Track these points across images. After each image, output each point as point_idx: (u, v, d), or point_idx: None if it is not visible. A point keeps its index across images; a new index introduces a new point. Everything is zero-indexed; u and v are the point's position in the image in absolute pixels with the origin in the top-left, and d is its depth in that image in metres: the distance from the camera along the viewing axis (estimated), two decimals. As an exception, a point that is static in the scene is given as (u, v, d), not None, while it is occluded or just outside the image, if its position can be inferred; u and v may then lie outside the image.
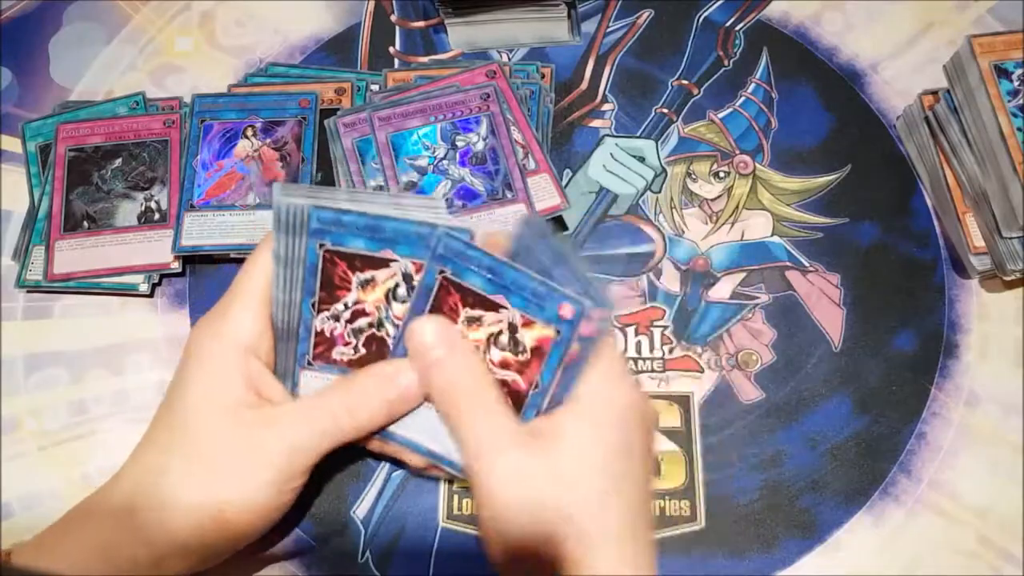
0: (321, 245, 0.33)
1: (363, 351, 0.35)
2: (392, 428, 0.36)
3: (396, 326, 0.34)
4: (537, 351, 0.33)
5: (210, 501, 0.32)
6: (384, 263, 0.33)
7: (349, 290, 0.34)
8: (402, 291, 0.34)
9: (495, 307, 0.32)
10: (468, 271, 0.32)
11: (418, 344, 0.33)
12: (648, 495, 0.33)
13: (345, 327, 0.35)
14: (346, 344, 0.35)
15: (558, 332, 0.32)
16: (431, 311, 0.33)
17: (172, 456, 0.33)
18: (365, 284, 0.34)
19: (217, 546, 0.33)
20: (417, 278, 0.33)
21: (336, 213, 0.32)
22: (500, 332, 0.33)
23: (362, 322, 0.35)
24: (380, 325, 0.34)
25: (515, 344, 0.33)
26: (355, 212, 0.32)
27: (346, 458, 0.43)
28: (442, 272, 0.32)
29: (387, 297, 0.34)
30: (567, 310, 0.31)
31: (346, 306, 0.34)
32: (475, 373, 0.32)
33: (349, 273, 0.34)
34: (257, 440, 0.33)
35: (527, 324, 0.32)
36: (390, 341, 0.35)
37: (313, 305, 0.34)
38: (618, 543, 0.31)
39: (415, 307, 0.33)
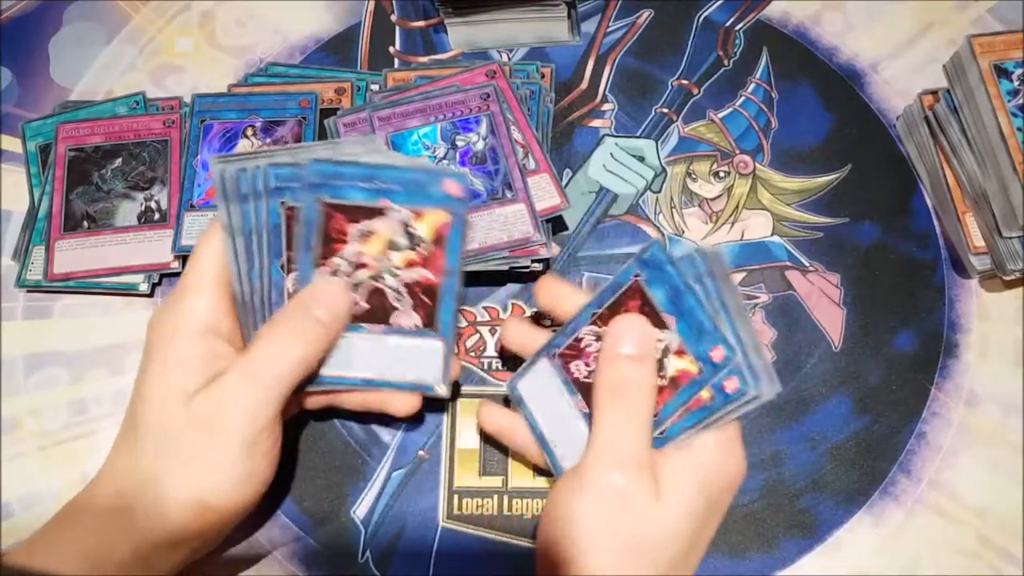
0: (318, 199, 0.33)
1: (365, 305, 0.35)
2: (527, 398, 0.36)
3: (396, 276, 0.34)
4: (674, 381, 0.33)
5: (187, 492, 0.32)
6: (381, 212, 0.33)
7: (347, 243, 0.34)
8: (401, 239, 0.34)
9: (663, 325, 0.33)
10: (658, 283, 0.33)
11: (619, 332, 0.33)
12: (698, 560, 0.34)
13: (341, 283, 0.35)
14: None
15: (701, 371, 0.32)
16: (611, 307, 0.34)
17: (141, 454, 0.33)
18: (364, 235, 0.34)
19: (206, 533, 0.33)
20: (417, 226, 0.33)
21: (334, 165, 0.32)
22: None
23: (363, 274, 0.35)
24: (381, 276, 0.34)
25: (660, 368, 0.33)
26: (353, 163, 0.33)
27: (346, 458, 0.43)
28: (637, 276, 0.33)
29: (386, 248, 0.34)
30: (718, 353, 0.31)
31: (345, 259, 0.34)
32: (648, 387, 0.33)
33: (347, 225, 0.33)
34: (214, 416, 0.33)
35: (679, 353, 0.33)
36: (390, 292, 0.35)
37: (312, 260, 0.34)
38: None
39: (600, 297, 0.34)
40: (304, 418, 0.43)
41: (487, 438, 0.42)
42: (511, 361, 0.38)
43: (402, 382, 0.36)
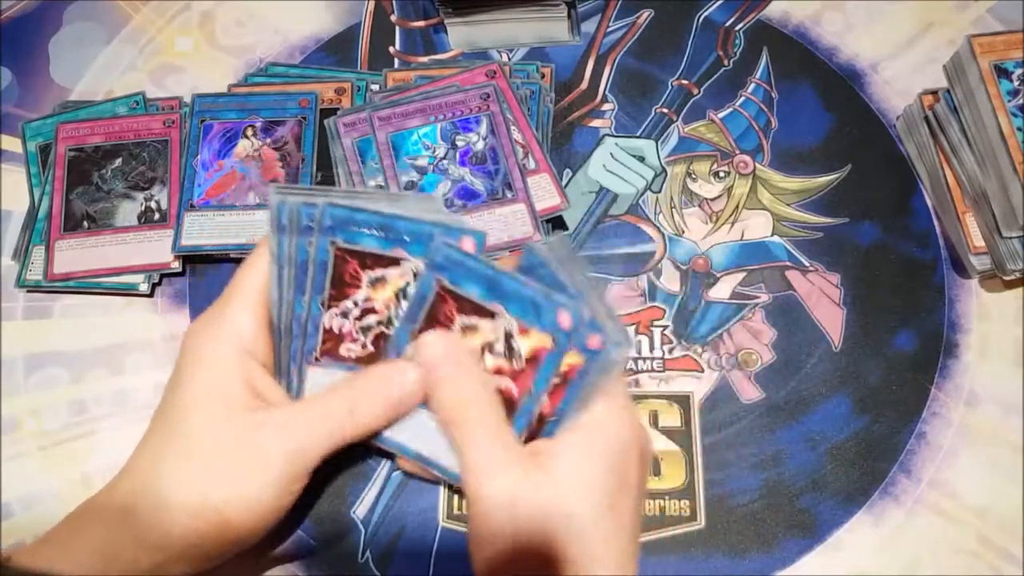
0: (333, 243, 0.33)
1: (371, 348, 0.35)
2: (384, 432, 0.35)
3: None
4: (532, 360, 0.33)
5: (209, 504, 0.32)
6: (395, 262, 0.33)
7: (359, 288, 0.34)
8: (412, 290, 0.34)
9: (491, 315, 0.32)
10: (465, 279, 0.32)
11: (427, 358, 0.33)
12: (638, 530, 0.33)
13: (354, 324, 0.35)
14: (354, 341, 0.35)
15: (555, 341, 0.32)
16: (426, 319, 0.33)
17: (170, 459, 0.33)
18: (376, 282, 0.34)
19: (217, 548, 0.33)
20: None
21: (350, 211, 0.32)
22: (496, 340, 0.33)
23: (371, 319, 0.35)
24: (389, 323, 0.34)
25: (510, 351, 0.33)
26: (369, 210, 0.33)
27: (346, 458, 0.43)
28: (439, 280, 0.32)
29: (397, 296, 0.34)
30: (565, 318, 0.31)
31: (356, 304, 0.34)
32: (480, 392, 0.32)
33: (360, 271, 0.34)
34: (256, 442, 0.33)
35: (523, 332, 0.32)
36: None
37: (322, 302, 0.34)
38: (608, 570, 0.31)
39: (409, 315, 0.33)
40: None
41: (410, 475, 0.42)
42: None
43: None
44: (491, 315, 0.32)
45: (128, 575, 0.31)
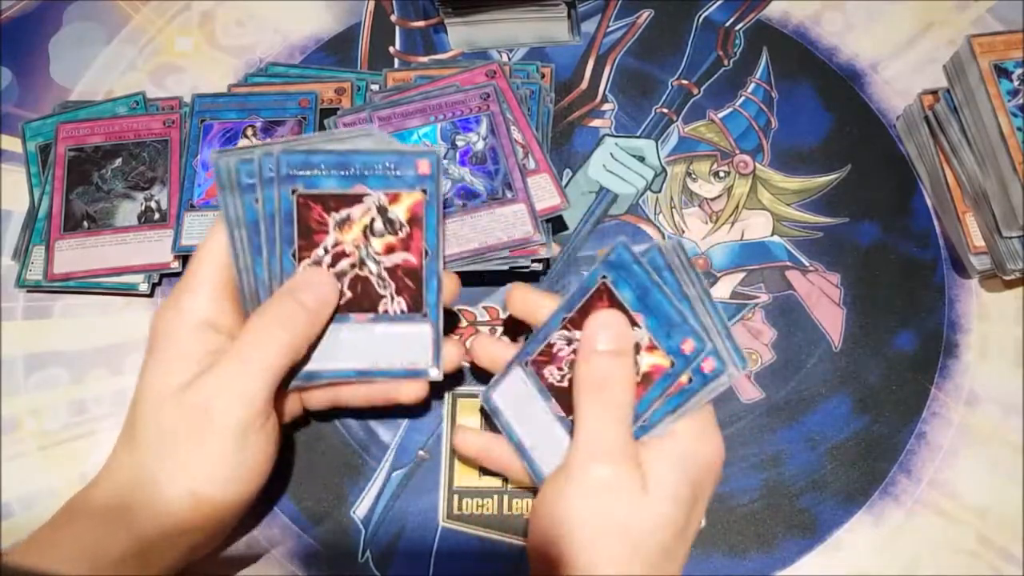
0: (294, 191, 0.33)
1: (349, 293, 0.35)
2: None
3: (378, 262, 0.34)
4: (647, 377, 0.33)
5: (180, 485, 0.32)
6: (358, 199, 0.33)
7: (326, 233, 0.34)
8: (379, 225, 0.34)
9: (632, 323, 0.33)
10: (625, 283, 0.33)
11: (597, 327, 0.33)
12: (689, 545, 0.34)
13: (328, 272, 0.35)
14: None
15: (672, 364, 0.32)
16: (580, 310, 0.34)
17: (140, 447, 0.33)
18: (342, 223, 0.34)
19: (203, 527, 0.33)
20: (393, 209, 0.33)
21: (305, 154, 0.32)
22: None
23: (344, 264, 0.35)
24: (362, 264, 0.34)
25: (633, 365, 0.33)
26: (323, 151, 0.33)
27: (346, 458, 0.43)
28: (604, 278, 0.33)
29: (365, 234, 0.34)
30: (689, 346, 0.32)
31: (326, 250, 0.34)
32: (630, 382, 0.33)
33: (324, 215, 0.34)
34: (204, 407, 0.33)
35: (651, 348, 0.33)
36: (373, 279, 0.35)
37: (293, 254, 0.34)
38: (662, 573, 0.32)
39: (569, 302, 0.34)
40: (305, 418, 0.43)
41: (466, 461, 0.42)
42: (485, 378, 0.39)
43: (395, 369, 0.36)
44: (633, 324, 0.33)
45: (117, 570, 0.31)
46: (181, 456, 0.33)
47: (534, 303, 0.37)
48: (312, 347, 0.35)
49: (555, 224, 0.47)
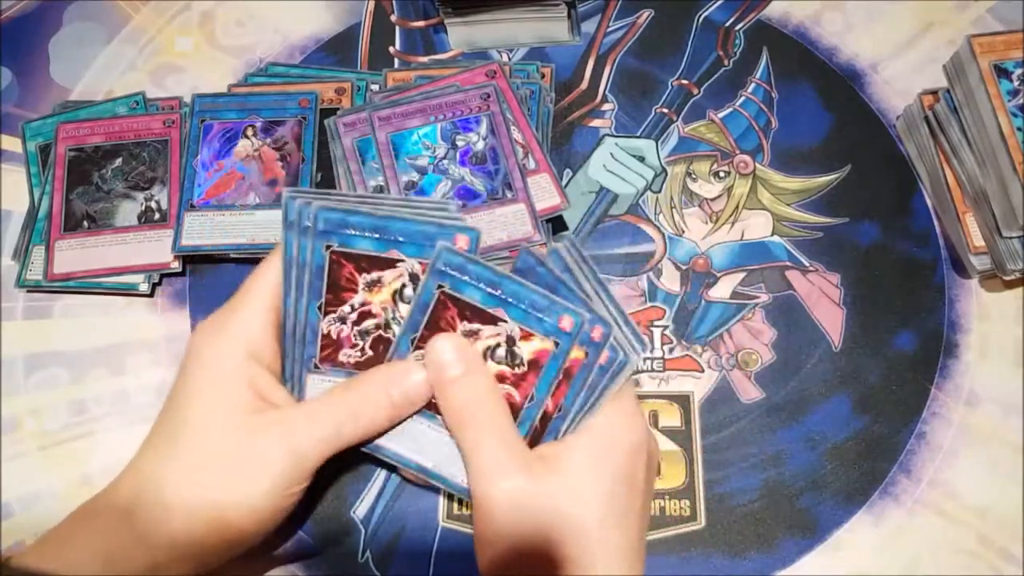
0: (328, 247, 0.33)
1: (370, 353, 0.35)
2: (383, 442, 0.35)
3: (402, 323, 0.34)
4: (534, 364, 0.33)
5: (210, 505, 0.32)
6: (391, 263, 0.33)
7: (356, 291, 0.34)
8: (408, 292, 0.34)
9: (493, 320, 0.33)
10: (467, 285, 0.32)
11: (436, 361, 0.33)
12: (644, 533, 0.34)
13: (352, 329, 0.35)
14: (353, 346, 0.35)
15: (556, 344, 0.32)
16: (427, 325, 0.33)
17: (172, 460, 0.33)
18: (371, 285, 0.34)
19: (217, 550, 0.33)
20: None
21: (343, 213, 0.32)
22: (498, 345, 0.33)
23: (369, 323, 0.35)
24: (387, 326, 0.34)
25: (512, 357, 0.33)
26: (362, 212, 0.32)
27: (346, 458, 0.43)
28: (440, 287, 0.32)
29: (394, 298, 0.34)
30: (567, 322, 0.31)
31: (352, 308, 0.34)
32: (489, 395, 0.33)
33: (356, 274, 0.34)
34: (258, 445, 0.33)
35: (525, 337, 0.32)
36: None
37: (320, 307, 0.34)
38: (614, 571, 0.31)
39: (411, 322, 0.33)
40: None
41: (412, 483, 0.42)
42: None
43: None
44: (494, 320, 0.32)
45: (128, 575, 0.31)
46: (214, 482, 0.32)
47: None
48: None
49: (555, 224, 0.47)
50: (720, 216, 0.48)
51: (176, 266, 0.45)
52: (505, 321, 0.32)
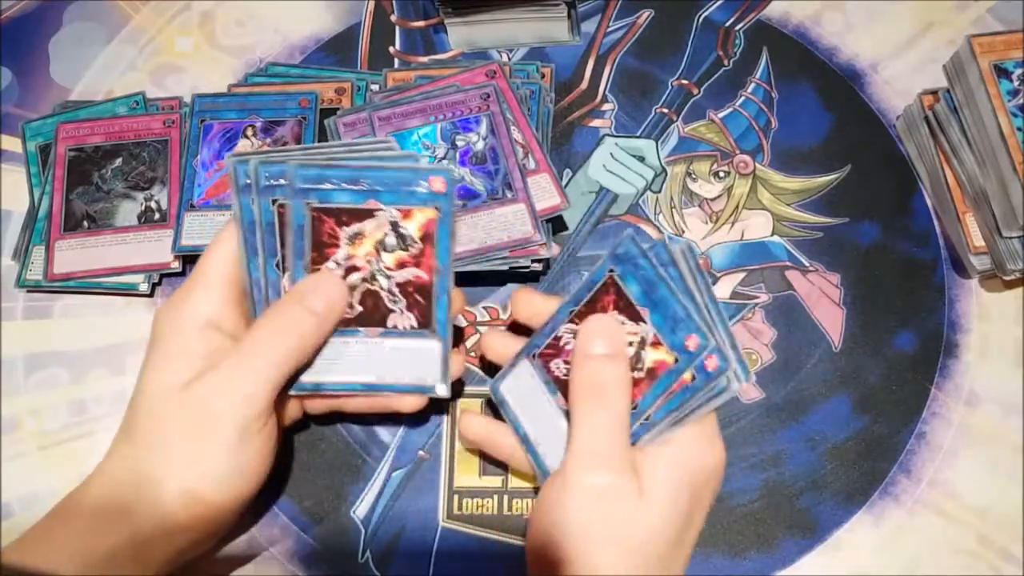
0: (307, 204, 0.33)
1: (360, 308, 0.35)
2: (510, 400, 0.36)
3: (389, 277, 0.34)
4: (651, 373, 0.33)
5: (176, 483, 0.32)
6: (370, 214, 0.33)
7: (338, 246, 0.34)
8: (391, 240, 0.34)
9: (637, 318, 0.33)
10: (632, 278, 0.33)
11: (589, 332, 0.33)
12: (691, 552, 0.34)
13: (337, 276, 0.35)
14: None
15: (676, 361, 0.32)
16: (587, 304, 0.34)
17: (138, 444, 0.33)
18: (354, 238, 0.34)
19: (197, 526, 0.33)
20: (406, 225, 0.33)
21: (320, 169, 0.33)
22: (631, 344, 0.33)
23: (355, 277, 0.35)
24: (373, 278, 0.34)
25: (637, 360, 0.33)
26: (338, 166, 0.33)
27: (346, 458, 0.43)
28: (611, 271, 0.33)
29: (377, 249, 0.34)
30: (693, 342, 0.32)
31: (338, 263, 0.34)
32: (623, 384, 0.33)
33: (336, 229, 0.34)
34: (204, 406, 0.33)
35: (655, 344, 0.33)
36: (384, 293, 0.35)
37: (305, 267, 0.34)
38: None
39: (576, 295, 0.34)
40: (305, 420, 0.43)
41: (470, 447, 0.42)
42: (494, 371, 0.39)
43: (402, 384, 0.36)
44: (637, 319, 0.33)
45: (111, 568, 0.31)
46: (179, 454, 0.32)
47: (538, 307, 0.37)
48: (319, 355, 0.35)
49: (555, 224, 0.47)
50: (720, 216, 0.48)
51: (176, 266, 0.45)
52: (646, 323, 0.33)
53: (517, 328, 0.43)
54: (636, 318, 0.33)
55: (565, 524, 0.32)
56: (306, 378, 0.36)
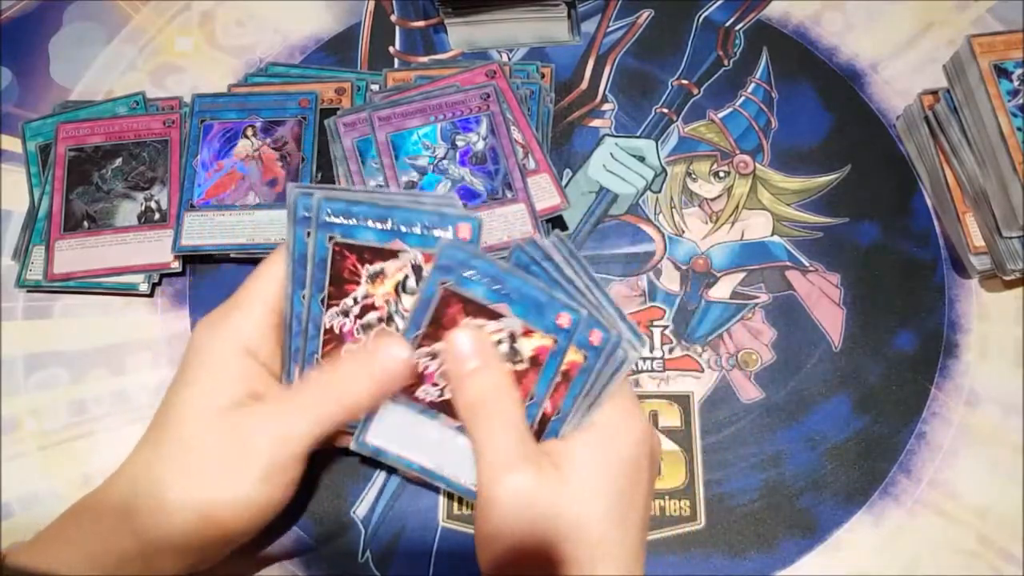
0: (331, 238, 0.33)
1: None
2: (384, 445, 0.35)
3: (405, 319, 0.34)
4: (535, 361, 0.33)
5: (201, 501, 0.32)
6: (393, 254, 0.33)
7: (358, 284, 0.34)
8: (411, 283, 0.33)
9: (496, 316, 0.32)
10: (470, 281, 0.32)
11: (455, 354, 0.33)
12: (646, 531, 0.34)
13: (354, 322, 0.34)
14: (356, 340, 0.35)
15: (555, 341, 0.32)
16: (432, 322, 0.33)
17: (164, 457, 0.33)
18: (375, 277, 0.34)
19: (210, 546, 0.33)
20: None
21: (346, 204, 0.32)
22: (500, 341, 0.33)
23: (371, 317, 0.34)
24: (390, 319, 0.34)
25: (514, 353, 0.33)
26: (365, 202, 0.32)
27: (346, 458, 0.43)
28: (443, 283, 0.32)
29: (396, 290, 0.34)
30: (565, 319, 0.31)
31: (355, 300, 0.34)
32: (505, 388, 0.33)
33: (358, 266, 0.33)
34: (243, 437, 0.33)
35: (527, 333, 0.32)
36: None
37: (322, 301, 0.34)
38: (615, 571, 0.31)
39: (414, 320, 0.33)
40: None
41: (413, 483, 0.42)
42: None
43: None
44: (496, 316, 0.32)
45: (121, 573, 0.31)
46: (203, 477, 0.32)
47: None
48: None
49: (555, 224, 0.47)
50: (720, 216, 0.48)
51: (176, 266, 0.45)
52: (509, 317, 0.32)
53: None
54: (495, 316, 0.32)
55: (498, 538, 0.31)
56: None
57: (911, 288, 0.46)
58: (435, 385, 0.34)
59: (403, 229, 0.32)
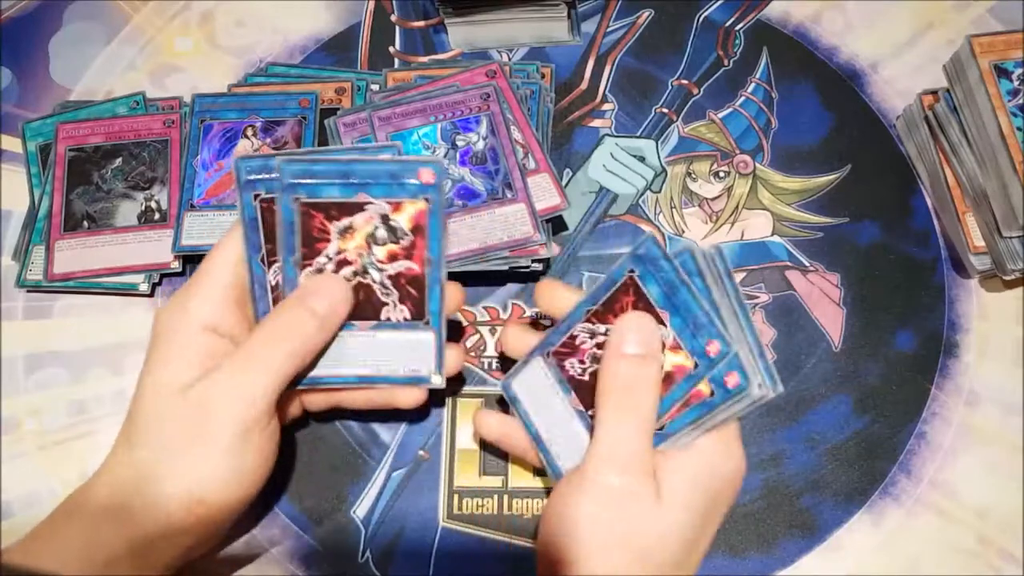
0: (296, 199, 0.33)
1: (352, 301, 0.35)
2: (521, 397, 0.36)
3: (380, 271, 0.34)
4: (669, 378, 0.33)
5: (177, 485, 0.32)
6: (359, 207, 0.33)
7: (329, 241, 0.34)
8: (381, 233, 0.34)
9: (657, 321, 0.33)
10: (652, 279, 0.32)
11: (624, 329, 0.33)
12: (700, 558, 0.34)
13: (341, 279, 0.35)
14: None
15: (696, 366, 0.32)
16: (605, 304, 0.33)
17: (137, 448, 0.33)
18: (344, 232, 0.34)
19: (199, 528, 0.33)
20: (396, 218, 0.33)
21: (306, 164, 0.33)
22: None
23: (346, 271, 0.35)
24: (365, 272, 0.35)
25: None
26: (325, 160, 0.33)
27: (346, 458, 0.43)
28: (631, 272, 0.33)
29: (367, 242, 0.34)
30: (714, 347, 0.31)
31: (328, 258, 0.34)
32: (653, 387, 0.32)
33: (326, 223, 0.34)
34: (206, 407, 0.33)
35: (675, 348, 0.32)
36: (376, 286, 0.35)
37: (295, 262, 0.34)
38: None
39: (594, 294, 0.34)
40: (305, 419, 0.43)
41: (484, 444, 0.42)
42: (511, 365, 0.38)
43: (397, 376, 0.36)
44: (659, 322, 0.33)
45: (112, 570, 0.31)
46: (180, 456, 0.32)
47: (561, 298, 0.37)
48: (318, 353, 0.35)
49: (555, 224, 0.47)
50: (720, 216, 0.48)
51: (176, 266, 0.45)
52: (666, 326, 0.32)
53: (536, 324, 0.43)
54: (657, 320, 0.33)
55: (578, 522, 0.32)
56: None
57: (911, 288, 0.46)
58: (582, 363, 0.35)
59: (368, 181, 0.33)
